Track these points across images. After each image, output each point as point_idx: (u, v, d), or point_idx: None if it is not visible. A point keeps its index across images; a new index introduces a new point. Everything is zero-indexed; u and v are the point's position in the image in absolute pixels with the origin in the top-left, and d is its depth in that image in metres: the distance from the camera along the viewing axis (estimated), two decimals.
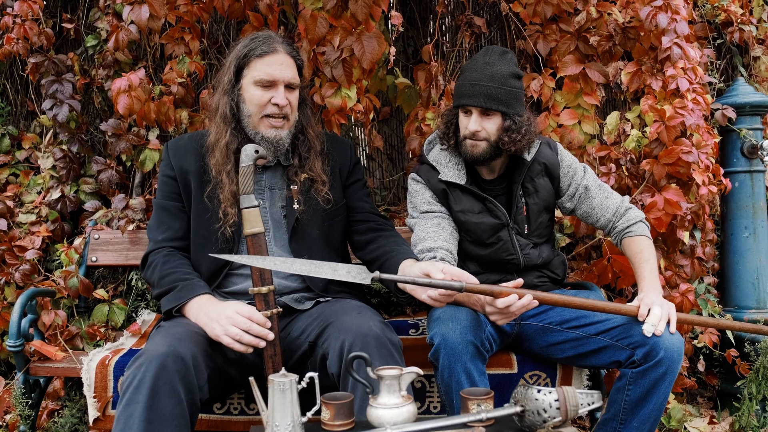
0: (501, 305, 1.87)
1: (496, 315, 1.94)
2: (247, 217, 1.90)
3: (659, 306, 1.99)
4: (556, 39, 2.88)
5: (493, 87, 2.14)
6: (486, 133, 2.18)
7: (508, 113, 2.17)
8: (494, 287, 1.87)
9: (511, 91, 2.16)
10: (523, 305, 1.88)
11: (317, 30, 2.49)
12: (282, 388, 1.47)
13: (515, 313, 1.91)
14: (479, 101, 2.15)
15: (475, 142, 2.19)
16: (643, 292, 2.07)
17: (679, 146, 2.64)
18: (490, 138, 2.18)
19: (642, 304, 2.00)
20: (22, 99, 3.38)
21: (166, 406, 1.68)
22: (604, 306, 2.00)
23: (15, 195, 3.13)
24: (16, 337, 2.32)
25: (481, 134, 2.18)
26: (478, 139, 2.18)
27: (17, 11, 2.94)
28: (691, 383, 2.86)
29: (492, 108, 2.15)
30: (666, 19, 2.61)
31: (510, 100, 2.16)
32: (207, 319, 1.86)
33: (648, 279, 2.11)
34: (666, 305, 2.01)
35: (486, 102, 2.15)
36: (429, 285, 1.76)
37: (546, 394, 1.42)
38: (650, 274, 2.13)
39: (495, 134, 2.18)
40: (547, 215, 2.36)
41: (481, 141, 2.19)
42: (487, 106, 2.15)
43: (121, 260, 2.84)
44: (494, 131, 2.18)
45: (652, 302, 2.00)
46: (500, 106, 2.15)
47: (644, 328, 1.96)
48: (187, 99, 2.88)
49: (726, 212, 3.18)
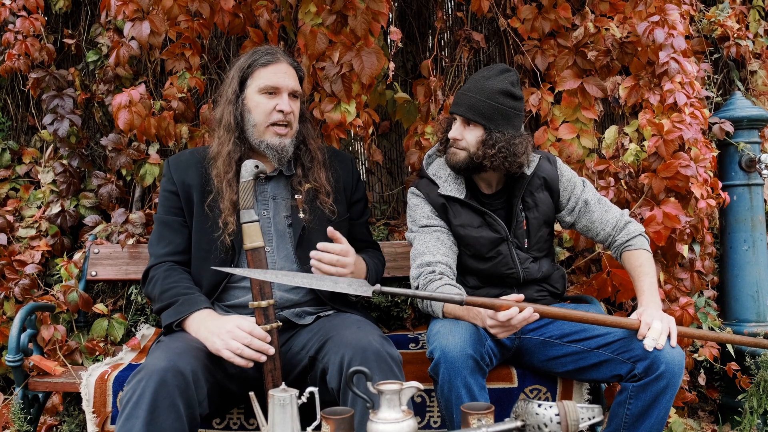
0: (503, 318, 1.87)
1: (497, 328, 1.93)
2: (248, 232, 1.90)
3: (659, 320, 1.98)
4: (554, 54, 2.90)
5: (478, 99, 2.17)
6: (465, 143, 2.21)
7: (488, 127, 2.18)
8: (495, 300, 1.88)
9: (497, 107, 2.17)
10: (524, 318, 1.87)
11: (317, 45, 2.50)
12: (282, 403, 1.46)
13: (516, 326, 1.90)
14: (461, 110, 2.20)
15: (455, 150, 2.24)
16: (643, 306, 2.06)
17: (678, 160, 2.65)
18: (469, 149, 2.21)
19: (642, 320, 1.99)
20: (23, 114, 3.40)
21: (165, 421, 1.68)
22: (605, 319, 2.00)
23: (15, 209, 3.14)
24: (15, 352, 2.32)
25: (460, 143, 2.22)
26: (458, 147, 2.23)
27: (19, 28, 2.96)
28: (692, 397, 2.85)
29: (471, 118, 2.19)
30: (663, 34, 2.64)
31: (493, 115, 2.18)
32: (207, 333, 1.87)
33: (647, 293, 2.11)
34: (666, 319, 2.00)
35: (467, 112, 2.19)
36: (429, 298, 1.77)
37: (546, 409, 1.42)
38: (650, 287, 2.13)
39: (474, 146, 2.20)
40: (546, 229, 2.36)
41: (461, 150, 2.22)
42: (466, 115, 2.19)
43: (120, 275, 2.83)
44: (474, 142, 2.20)
45: (652, 317, 1.99)
46: (480, 119, 2.18)
47: (645, 343, 1.95)
48: (187, 114, 2.89)
49: (725, 225, 3.18)
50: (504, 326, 1.91)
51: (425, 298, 1.77)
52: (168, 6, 2.44)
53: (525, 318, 1.87)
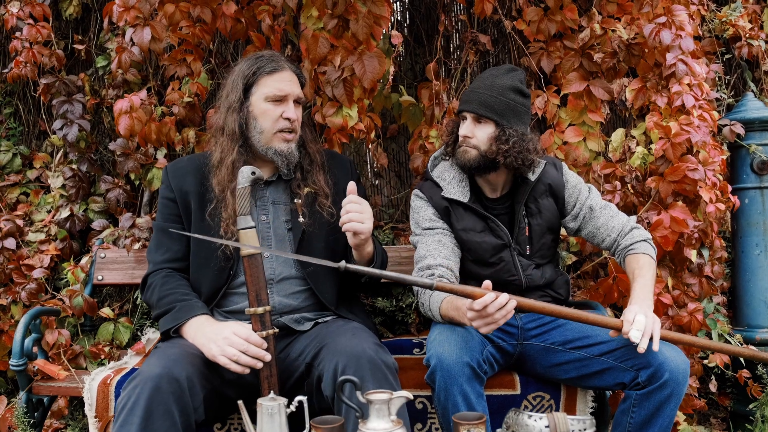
0: (478, 307, 1.78)
1: (478, 321, 1.82)
2: (244, 238, 1.90)
3: (644, 315, 1.91)
4: (560, 56, 2.86)
5: (488, 95, 2.16)
6: (477, 140, 2.18)
7: (499, 123, 2.16)
8: (467, 288, 1.82)
9: (507, 102, 2.16)
10: (501, 305, 1.78)
11: (319, 50, 2.50)
12: (270, 412, 1.46)
13: (496, 317, 1.79)
14: (472, 107, 2.18)
15: (466, 149, 2.20)
16: (629, 305, 1.99)
17: (685, 163, 2.60)
18: (480, 146, 2.18)
19: (624, 319, 1.92)
20: (34, 119, 3.44)
21: (160, 427, 1.69)
22: (586, 317, 1.93)
23: (25, 214, 3.17)
24: (19, 356, 2.34)
25: (471, 141, 2.19)
26: (468, 145, 2.19)
27: (26, 35, 3.00)
28: (701, 404, 2.80)
29: (483, 114, 2.16)
30: (670, 35, 2.59)
31: (504, 111, 2.16)
32: (204, 339, 1.87)
33: (637, 293, 2.04)
34: (651, 317, 1.93)
35: (478, 108, 2.16)
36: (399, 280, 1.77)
37: (537, 420, 1.40)
38: (642, 288, 2.06)
39: (485, 143, 2.18)
40: (550, 236, 2.33)
41: (472, 148, 2.19)
42: (478, 111, 2.16)
43: (126, 279, 2.85)
44: (485, 139, 2.18)
45: (634, 312, 1.92)
46: (492, 114, 2.16)
47: (631, 335, 1.88)
48: (194, 118, 2.90)
49: (736, 229, 3.12)
50: (482, 317, 1.80)
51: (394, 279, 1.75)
52: (170, 12, 2.45)
53: (501, 305, 1.78)
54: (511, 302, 1.81)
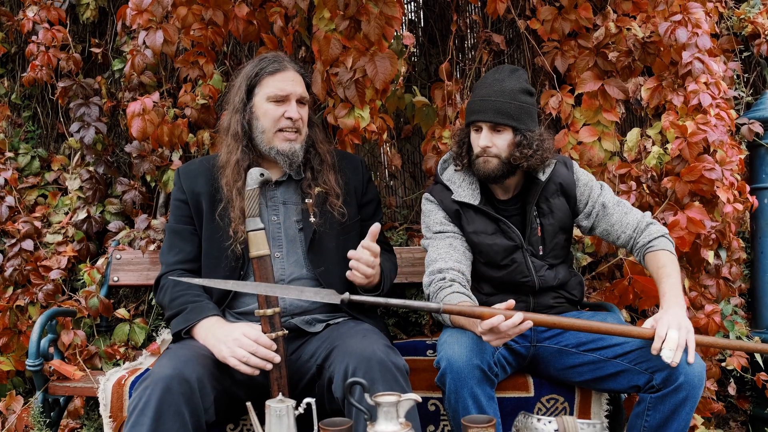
0: (484, 327, 1.78)
1: (488, 335, 1.82)
2: (253, 240, 1.91)
3: (676, 329, 1.86)
4: (575, 55, 2.83)
5: (503, 102, 2.12)
6: (497, 149, 2.15)
7: (518, 128, 2.14)
8: (476, 308, 1.82)
9: (521, 106, 2.14)
10: (514, 325, 1.77)
11: (330, 51, 2.50)
12: (279, 414, 1.46)
13: (508, 333, 1.79)
14: (488, 116, 2.14)
15: (486, 158, 2.16)
16: (662, 310, 1.95)
17: (702, 163, 2.56)
18: (501, 154, 2.15)
19: (656, 333, 1.87)
20: (52, 122, 3.48)
21: (170, 428, 1.70)
22: (612, 329, 1.91)
23: (43, 216, 3.22)
24: (35, 357, 2.37)
25: (491, 150, 2.15)
26: (489, 155, 2.16)
27: (41, 39, 3.03)
28: (719, 407, 2.75)
29: (501, 122, 2.13)
30: (685, 33, 2.55)
31: (520, 114, 2.14)
32: (215, 340, 1.88)
33: (668, 295, 1.99)
34: (685, 327, 1.88)
35: (495, 117, 2.13)
36: (405, 307, 1.76)
37: (546, 424, 1.39)
38: (671, 289, 2.00)
39: (506, 150, 2.15)
40: (563, 236, 2.30)
41: (492, 157, 2.16)
42: (496, 120, 2.13)
43: (142, 280, 2.88)
44: (505, 147, 2.15)
45: (668, 325, 1.87)
46: (510, 121, 2.13)
47: (663, 355, 1.84)
48: (209, 120, 2.92)
49: (755, 230, 3.07)
50: (493, 333, 1.81)
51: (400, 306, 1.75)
52: (182, 14, 2.46)
53: (514, 325, 1.77)
54: (526, 323, 1.80)
